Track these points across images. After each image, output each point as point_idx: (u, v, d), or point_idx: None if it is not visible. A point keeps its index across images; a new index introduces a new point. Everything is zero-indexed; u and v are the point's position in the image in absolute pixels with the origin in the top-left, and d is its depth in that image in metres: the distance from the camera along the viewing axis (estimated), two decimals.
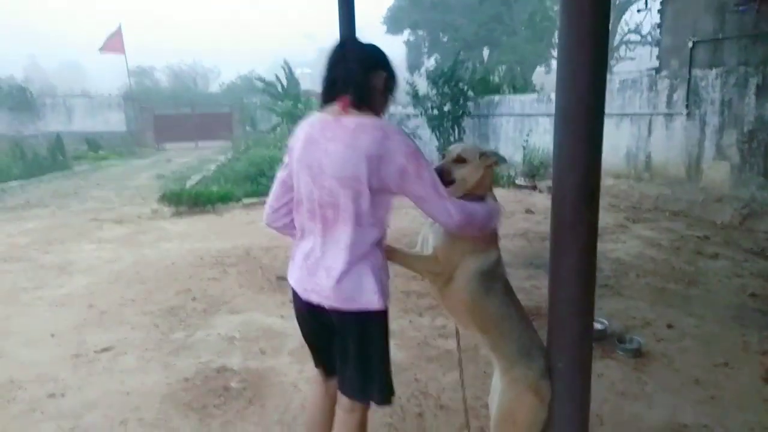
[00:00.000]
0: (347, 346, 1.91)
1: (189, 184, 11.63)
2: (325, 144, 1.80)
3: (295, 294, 1.99)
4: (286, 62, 17.99)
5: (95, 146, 21.35)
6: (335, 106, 1.83)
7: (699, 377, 3.23)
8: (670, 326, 3.92)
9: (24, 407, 3.10)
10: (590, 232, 2.00)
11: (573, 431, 2.14)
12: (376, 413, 2.89)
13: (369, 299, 1.83)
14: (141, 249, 6.64)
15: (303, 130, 1.90)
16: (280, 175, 2.02)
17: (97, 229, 7.89)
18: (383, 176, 1.76)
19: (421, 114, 13.54)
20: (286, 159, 2.00)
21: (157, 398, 3.16)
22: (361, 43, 1.89)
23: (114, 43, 24.35)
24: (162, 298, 4.82)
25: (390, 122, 1.92)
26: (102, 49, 24.50)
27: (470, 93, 13.35)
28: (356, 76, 1.80)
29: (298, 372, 3.43)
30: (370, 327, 1.89)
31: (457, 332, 2.33)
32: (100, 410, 3.05)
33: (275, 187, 2.05)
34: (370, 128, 1.76)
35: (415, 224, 7.61)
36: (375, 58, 1.86)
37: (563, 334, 2.07)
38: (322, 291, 1.85)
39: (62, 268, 5.85)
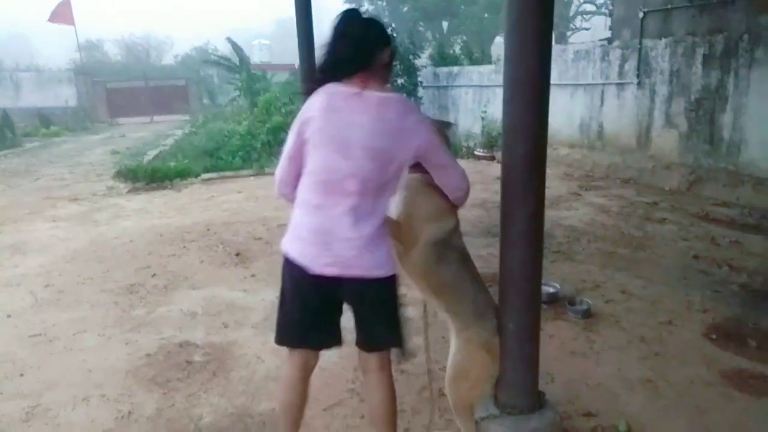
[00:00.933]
0: (374, 308, 2.01)
1: (145, 159, 11.36)
2: (349, 116, 1.84)
3: (295, 271, 1.94)
4: (229, 39, 17.66)
5: (46, 122, 20.50)
6: (354, 80, 1.87)
7: (644, 335, 3.43)
8: (618, 288, 4.12)
9: None
10: (538, 200, 2.09)
11: (524, 389, 2.26)
12: (339, 381, 2.98)
13: (391, 266, 1.97)
14: (97, 227, 6.51)
15: (321, 99, 1.89)
16: (288, 150, 1.98)
17: (51, 207, 7.67)
18: (409, 148, 1.87)
19: None
20: (293, 134, 1.96)
21: (120, 375, 3.17)
22: (365, 19, 1.94)
23: (62, 12, 23.24)
24: (121, 276, 4.77)
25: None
26: (50, 19, 23.36)
27: (425, 65, 13.34)
28: (367, 52, 1.88)
29: (261, 344, 3.47)
30: (392, 289, 2.02)
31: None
32: (61, 388, 3.04)
33: (284, 163, 2.01)
34: (394, 103, 1.86)
35: None
36: (383, 34, 1.93)
37: (514, 296, 2.17)
38: (345, 262, 1.88)
39: (16, 248, 5.69)
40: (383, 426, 2.11)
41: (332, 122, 1.85)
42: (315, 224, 1.91)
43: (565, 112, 9.11)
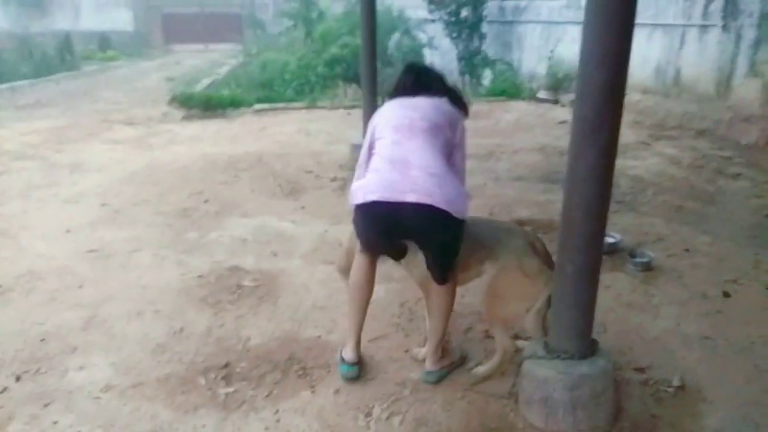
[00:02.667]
0: (441, 242, 2.24)
1: (199, 87, 11.42)
2: (414, 103, 2.38)
3: (371, 206, 2.19)
4: None
5: (104, 46, 20.83)
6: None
7: (707, 292, 3.24)
8: (683, 243, 3.89)
9: (45, 297, 3.21)
10: (611, 135, 1.93)
11: (576, 334, 2.18)
12: (385, 315, 2.96)
13: (465, 206, 2.22)
14: (152, 151, 6.63)
15: (388, 106, 2.43)
16: (366, 143, 2.41)
17: (107, 130, 7.85)
18: (454, 130, 2.36)
19: (439, 19, 12.85)
20: (368, 132, 2.40)
21: (173, 293, 3.25)
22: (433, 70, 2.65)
23: None
24: (175, 200, 4.86)
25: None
26: None
27: None
28: (435, 84, 2.52)
29: (309, 274, 3.49)
30: (460, 228, 2.24)
31: None
32: (117, 302, 3.15)
33: (364, 151, 2.41)
34: (446, 104, 2.42)
35: None
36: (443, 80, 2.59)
37: (574, 237, 2.06)
38: (422, 189, 2.12)
39: (75, 167, 5.87)
40: (439, 314, 2.38)
41: (396, 113, 2.36)
42: (392, 155, 2.21)
43: (640, 54, 8.43)
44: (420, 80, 2.50)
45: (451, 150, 2.32)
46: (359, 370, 2.48)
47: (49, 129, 7.83)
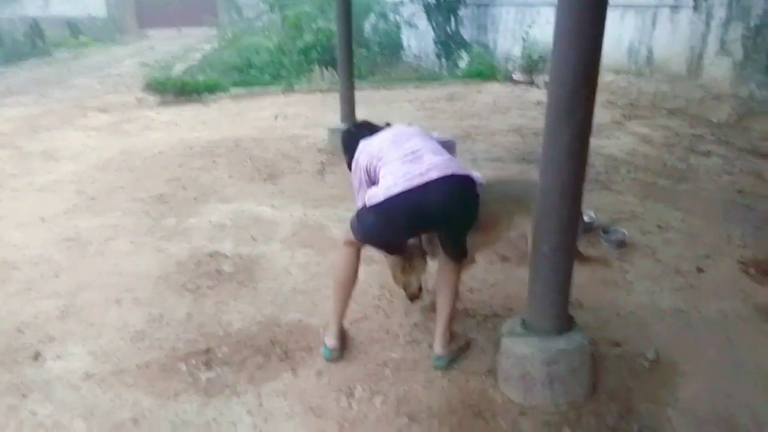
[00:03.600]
0: (465, 216, 2.32)
1: (174, 72, 11.21)
2: (386, 133, 2.53)
3: (396, 198, 2.19)
4: None
5: (76, 32, 20.26)
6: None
7: (680, 267, 3.32)
8: (656, 220, 3.97)
9: (20, 286, 3.16)
10: (586, 114, 1.95)
11: (552, 311, 2.22)
12: (365, 297, 2.98)
13: (474, 174, 2.35)
14: (127, 137, 6.52)
15: (367, 145, 2.48)
16: (360, 179, 2.48)
17: (81, 117, 7.69)
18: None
19: (418, 0, 12.78)
20: (362, 172, 2.46)
21: (151, 280, 3.23)
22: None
23: None
24: (151, 186, 4.80)
25: None
26: None
27: None
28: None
29: (289, 258, 3.49)
30: (477, 199, 2.32)
31: None
32: (94, 290, 3.12)
33: (361, 177, 2.47)
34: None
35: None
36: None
37: (551, 217, 2.08)
38: (441, 165, 2.22)
39: (49, 155, 5.76)
40: (449, 292, 2.44)
41: (379, 139, 2.47)
42: (400, 156, 2.29)
43: (613, 35, 8.50)
44: (364, 126, 2.72)
45: None
46: (341, 353, 2.51)
47: (21, 117, 7.65)
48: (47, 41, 16.86)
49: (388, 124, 2.67)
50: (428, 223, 2.33)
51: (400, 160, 2.29)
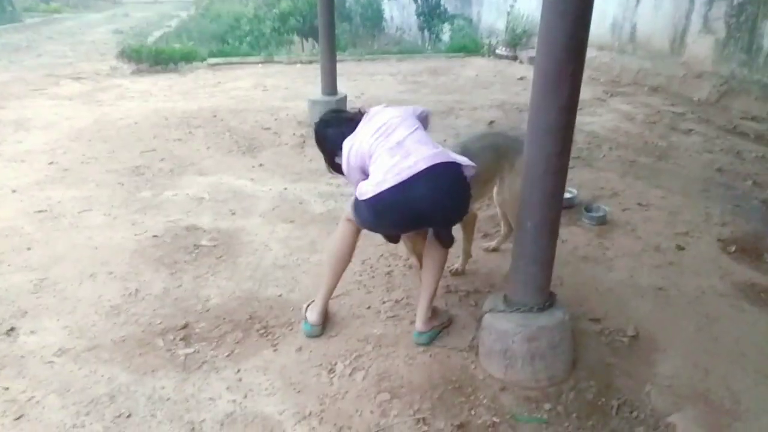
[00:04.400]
0: (457, 205, 2.27)
1: (149, 40, 10.89)
2: (369, 124, 2.37)
3: (383, 196, 2.14)
4: None
5: None
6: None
7: (660, 245, 3.35)
8: (636, 197, 4.00)
9: None
10: (572, 89, 1.92)
11: (535, 288, 2.22)
12: (347, 273, 2.95)
13: (461, 159, 2.25)
14: (101, 107, 6.32)
15: (352, 141, 2.35)
16: (357, 179, 2.33)
17: (53, 85, 7.44)
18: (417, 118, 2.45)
19: None
20: (354, 167, 2.34)
21: (126, 253, 3.15)
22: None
23: None
24: (126, 158, 4.67)
25: None
26: None
27: None
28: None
29: (269, 233, 3.43)
30: (467, 187, 2.26)
31: None
32: (68, 263, 3.03)
33: (358, 176, 2.34)
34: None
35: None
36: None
37: (535, 193, 2.07)
38: (428, 156, 2.15)
39: (19, 124, 5.56)
40: (435, 268, 2.43)
41: (363, 132, 2.34)
42: (388, 150, 2.22)
43: (597, 11, 8.45)
44: (337, 121, 2.51)
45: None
46: (322, 330, 2.49)
47: None
48: (16, 6, 16.21)
49: (360, 112, 2.52)
50: (422, 220, 2.28)
51: (387, 153, 2.22)
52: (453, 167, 2.19)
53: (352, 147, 2.34)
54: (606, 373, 2.28)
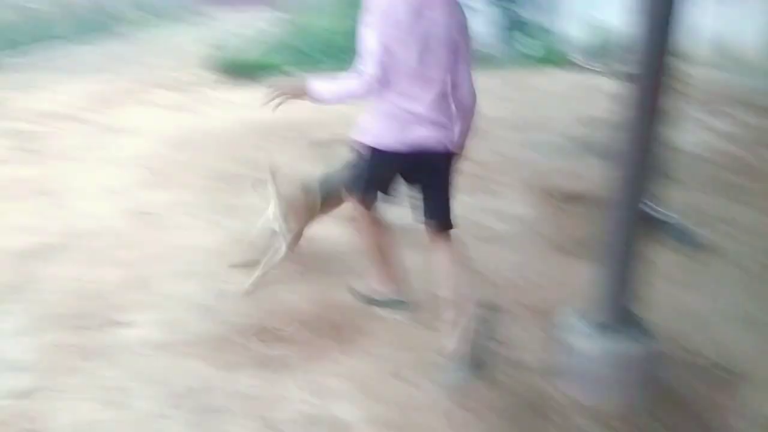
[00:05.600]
0: (444, 182, 2.39)
1: (236, 52, 11.38)
2: (431, 15, 2.18)
3: (383, 155, 2.31)
4: None
5: (139, 8, 20.84)
6: None
7: (753, 270, 3.12)
8: (732, 220, 3.75)
9: (88, 255, 3.30)
10: (663, 107, 1.84)
11: (617, 310, 2.13)
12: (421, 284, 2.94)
13: (460, 142, 2.39)
14: (192, 115, 6.69)
15: (405, 3, 2.16)
16: (380, 40, 2.17)
17: (147, 94, 7.92)
18: (468, 41, 2.30)
19: None
20: (375, 26, 2.18)
21: (213, 255, 3.30)
22: None
23: None
24: (215, 164, 4.89)
25: None
26: None
27: None
28: None
29: (340, 236, 3.46)
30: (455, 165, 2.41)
31: None
32: (159, 261, 3.23)
33: (380, 52, 2.18)
34: (456, 5, 2.27)
35: None
36: None
37: (622, 210, 2.00)
38: (441, 138, 2.28)
39: (116, 131, 5.97)
40: (459, 272, 2.42)
41: (419, 24, 2.17)
42: (410, 108, 2.24)
43: (696, 24, 8.01)
44: None
45: (456, 59, 2.27)
46: (405, 302, 2.67)
47: (88, 92, 7.92)
48: (111, 18, 17.29)
49: None
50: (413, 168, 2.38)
51: (399, 91, 2.22)
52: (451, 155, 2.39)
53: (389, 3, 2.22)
54: (695, 404, 2.16)
